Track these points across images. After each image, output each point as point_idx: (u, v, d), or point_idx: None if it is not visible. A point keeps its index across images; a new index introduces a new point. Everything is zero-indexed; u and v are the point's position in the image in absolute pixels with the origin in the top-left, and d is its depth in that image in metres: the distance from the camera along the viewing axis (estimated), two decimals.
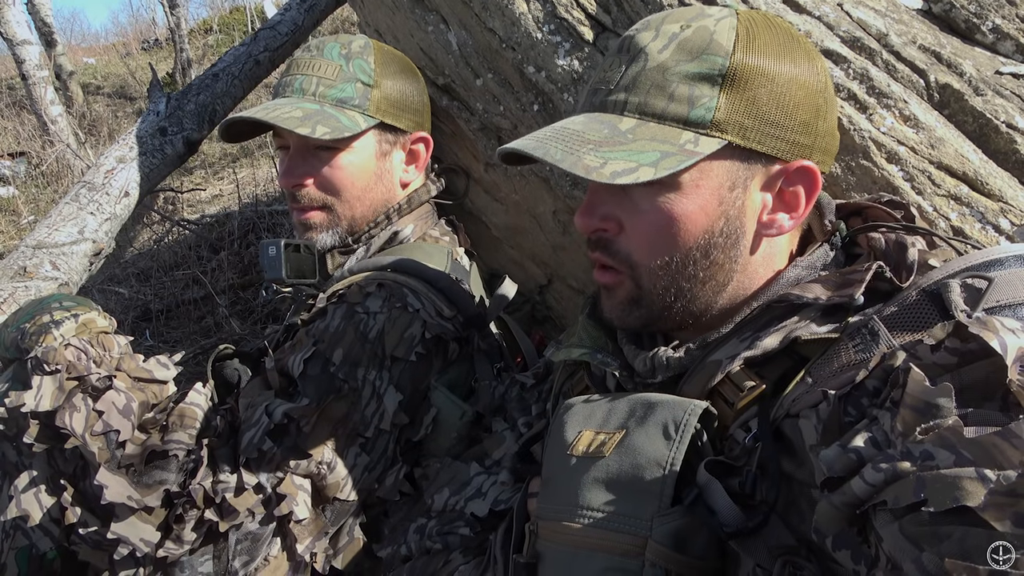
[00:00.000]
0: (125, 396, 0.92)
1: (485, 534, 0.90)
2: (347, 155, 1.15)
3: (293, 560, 0.96)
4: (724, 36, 0.68)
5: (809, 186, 0.71)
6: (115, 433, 0.89)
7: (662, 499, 0.62)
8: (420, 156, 1.24)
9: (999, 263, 0.61)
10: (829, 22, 1.01)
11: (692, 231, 0.69)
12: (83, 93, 6.15)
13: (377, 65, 1.18)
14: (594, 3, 1.11)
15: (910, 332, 0.59)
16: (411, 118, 1.22)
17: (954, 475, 0.44)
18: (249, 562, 0.93)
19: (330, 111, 1.13)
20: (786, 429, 0.62)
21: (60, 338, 0.98)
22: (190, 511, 0.89)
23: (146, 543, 0.88)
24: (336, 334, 1.00)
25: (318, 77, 1.15)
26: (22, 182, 4.67)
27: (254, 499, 0.91)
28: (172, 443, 0.90)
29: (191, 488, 0.88)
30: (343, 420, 0.97)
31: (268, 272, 1.13)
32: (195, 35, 7.45)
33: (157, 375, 0.99)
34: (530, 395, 1.01)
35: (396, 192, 1.23)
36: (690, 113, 0.67)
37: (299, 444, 0.94)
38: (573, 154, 0.65)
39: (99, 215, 1.71)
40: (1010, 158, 0.93)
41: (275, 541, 0.95)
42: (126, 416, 0.91)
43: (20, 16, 4.96)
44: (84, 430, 0.89)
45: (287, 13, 2.25)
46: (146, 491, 0.88)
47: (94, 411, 0.90)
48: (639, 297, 0.73)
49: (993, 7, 1.10)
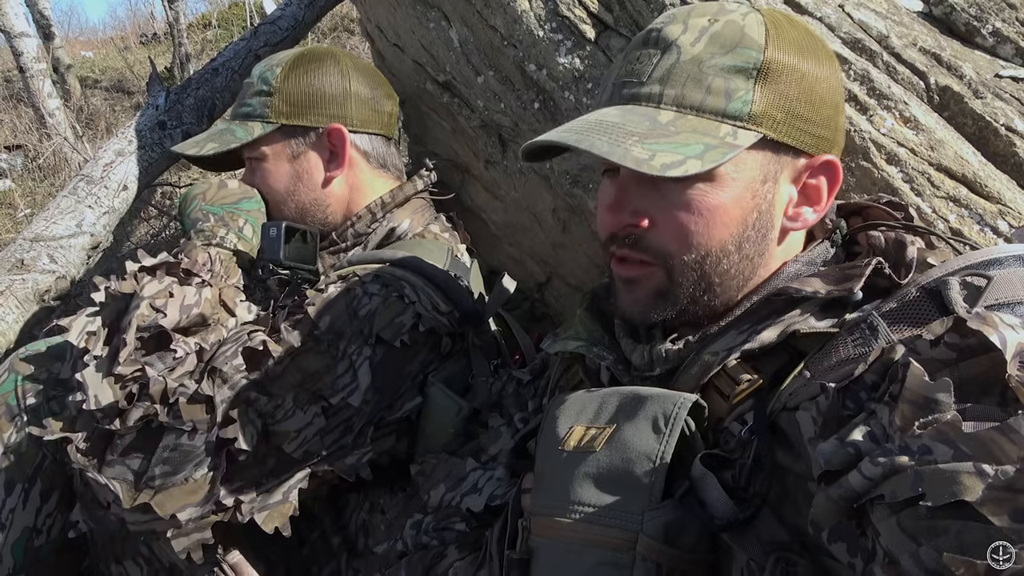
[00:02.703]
0: (197, 300, 0.99)
1: (481, 530, 0.90)
2: (264, 163, 1.22)
3: (212, 491, 0.91)
4: (755, 31, 0.68)
5: (832, 179, 0.72)
6: (163, 315, 0.94)
7: (652, 493, 0.62)
8: (337, 150, 1.23)
9: (998, 262, 0.61)
10: (830, 23, 1.02)
11: (727, 223, 0.69)
12: (81, 86, 6.13)
13: (283, 71, 1.21)
14: (596, 1, 1.12)
15: (909, 327, 0.59)
16: (320, 113, 1.21)
17: (952, 470, 0.44)
18: (170, 474, 0.90)
19: (234, 127, 1.22)
20: (782, 422, 0.62)
21: (213, 249, 1.08)
22: (144, 398, 0.90)
23: (96, 400, 0.89)
24: (328, 303, 1.00)
25: (237, 100, 1.26)
26: (19, 175, 4.65)
27: (204, 415, 0.90)
28: (181, 342, 0.95)
29: (151, 377, 0.90)
30: (313, 376, 0.96)
31: (267, 252, 1.14)
32: (194, 30, 7.43)
33: (237, 311, 1.05)
34: (527, 391, 1.01)
35: (320, 191, 1.23)
36: (728, 106, 0.67)
37: (264, 380, 0.94)
38: (620, 146, 0.64)
39: (97, 208, 1.71)
40: (1009, 160, 0.94)
41: (204, 465, 0.91)
42: (183, 312, 0.97)
43: (18, 8, 4.94)
44: (150, 296, 0.95)
45: (287, 8, 2.24)
46: (128, 364, 0.91)
47: (168, 291, 0.97)
48: (667, 291, 0.72)
49: (993, 10, 1.11)
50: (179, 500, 0.90)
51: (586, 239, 1.25)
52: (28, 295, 1.49)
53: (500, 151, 1.31)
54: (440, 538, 0.92)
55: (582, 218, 1.22)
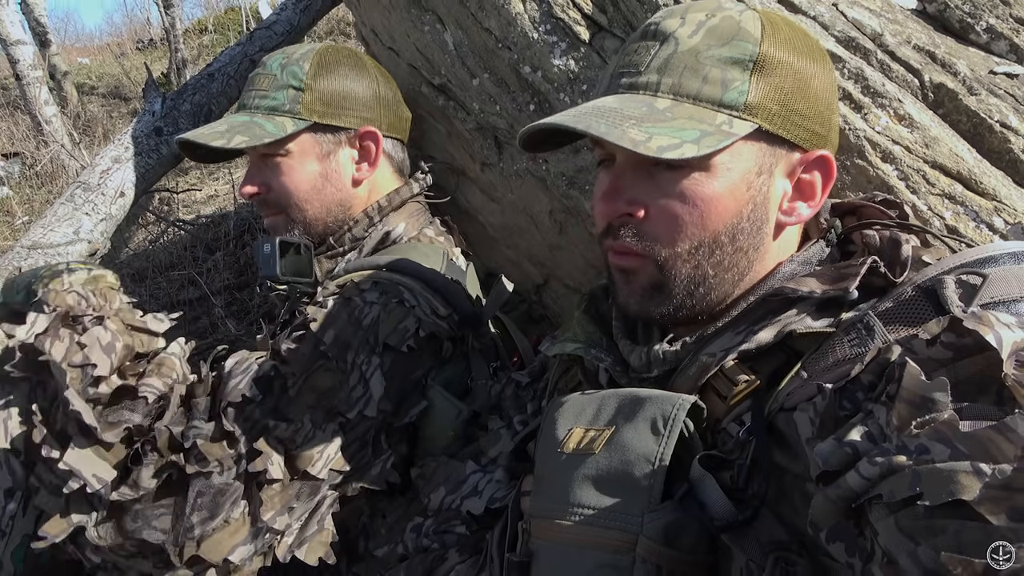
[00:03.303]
0: (112, 335, 0.91)
1: (482, 532, 0.90)
2: (288, 160, 1.17)
3: (255, 526, 0.91)
4: (751, 25, 0.69)
5: (825, 175, 0.72)
6: (92, 367, 0.87)
7: (651, 494, 0.62)
8: (370, 151, 1.22)
9: (993, 260, 0.61)
10: (824, 22, 1.02)
11: (722, 214, 0.69)
12: (77, 93, 6.14)
13: (312, 67, 1.18)
14: (590, 3, 1.12)
15: (905, 327, 0.59)
16: (354, 114, 1.20)
17: (950, 469, 0.44)
18: (208, 519, 0.88)
19: (259, 120, 1.15)
20: (780, 423, 0.62)
21: (69, 284, 0.98)
22: (150, 453, 0.86)
23: (99, 479, 0.84)
24: (329, 317, 1.00)
25: (256, 90, 1.19)
26: (16, 183, 4.65)
27: (227, 450, 0.89)
28: (144, 386, 0.90)
29: (156, 428, 0.87)
30: (327, 393, 0.96)
31: (263, 269, 1.13)
32: (190, 35, 7.43)
33: (151, 326, 0.98)
34: (526, 394, 1.01)
35: (349, 191, 1.21)
36: (724, 95, 0.67)
37: (280, 406, 0.93)
38: (617, 128, 0.65)
39: (94, 215, 1.71)
40: (1004, 157, 0.94)
41: (240, 503, 0.91)
42: (107, 353, 0.89)
43: (14, 16, 4.94)
44: (63, 359, 0.86)
45: (283, 13, 2.25)
46: (108, 427, 0.86)
47: (77, 343, 0.88)
48: (661, 283, 0.72)
49: (987, 7, 1.11)
50: (227, 542, 0.90)
51: (583, 241, 1.25)
52: None
53: (496, 153, 1.31)
54: (440, 541, 0.92)
55: (579, 220, 1.22)
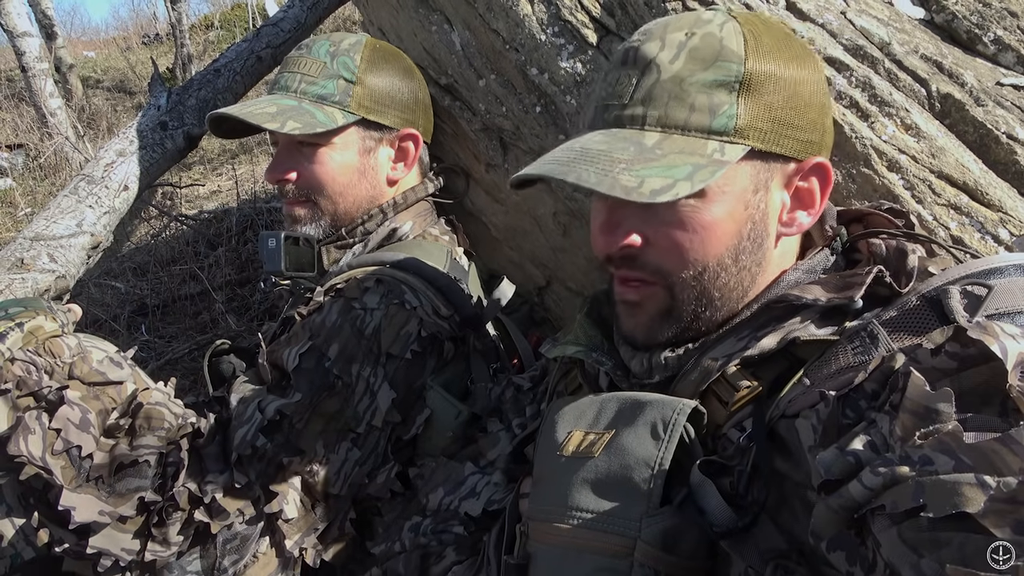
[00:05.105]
0: (79, 409, 0.88)
1: (479, 534, 0.90)
2: (328, 151, 1.15)
3: (282, 556, 0.97)
4: (733, 42, 0.67)
5: (823, 181, 0.72)
6: (77, 449, 0.86)
7: (651, 499, 0.62)
8: (409, 153, 1.23)
9: (999, 271, 0.61)
10: (832, 30, 1.01)
11: (722, 237, 0.68)
12: (83, 86, 6.14)
13: (363, 62, 1.17)
14: (598, 6, 1.12)
15: (909, 336, 0.59)
16: (398, 115, 1.21)
17: (953, 481, 0.44)
18: (238, 560, 0.94)
19: (308, 107, 1.12)
20: (781, 429, 0.62)
21: (7, 352, 0.92)
22: (173, 513, 0.89)
23: (128, 552, 0.88)
24: (332, 329, 1.00)
25: (302, 74, 1.15)
26: (20, 174, 4.65)
27: (244, 500, 0.92)
28: (141, 448, 0.89)
29: (175, 491, 0.88)
30: (335, 416, 0.97)
31: (267, 264, 1.13)
32: (196, 30, 7.44)
33: (111, 376, 0.95)
34: (525, 397, 1.01)
35: (383, 189, 1.21)
36: (713, 122, 0.66)
37: (291, 441, 0.94)
38: (608, 176, 0.63)
39: (98, 208, 1.70)
40: (1010, 169, 0.94)
41: (263, 539, 0.96)
42: (84, 429, 0.88)
43: (20, 8, 4.95)
44: (44, 451, 0.85)
45: (290, 10, 2.24)
46: (119, 500, 0.87)
47: (51, 430, 0.86)
48: (670, 308, 0.71)
49: (995, 18, 1.11)
50: (261, 575, 0.95)
51: (586, 243, 1.25)
52: (27, 294, 1.49)
53: (501, 155, 1.31)
54: (438, 540, 0.92)
55: (582, 222, 1.22)
